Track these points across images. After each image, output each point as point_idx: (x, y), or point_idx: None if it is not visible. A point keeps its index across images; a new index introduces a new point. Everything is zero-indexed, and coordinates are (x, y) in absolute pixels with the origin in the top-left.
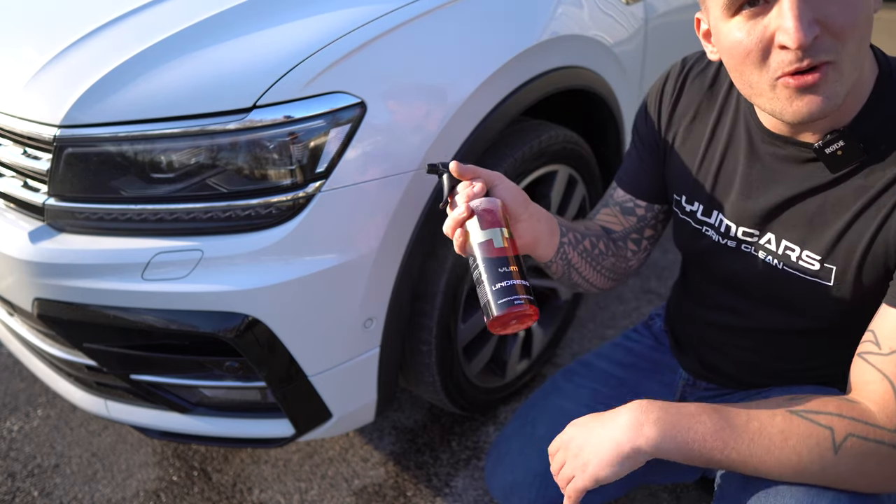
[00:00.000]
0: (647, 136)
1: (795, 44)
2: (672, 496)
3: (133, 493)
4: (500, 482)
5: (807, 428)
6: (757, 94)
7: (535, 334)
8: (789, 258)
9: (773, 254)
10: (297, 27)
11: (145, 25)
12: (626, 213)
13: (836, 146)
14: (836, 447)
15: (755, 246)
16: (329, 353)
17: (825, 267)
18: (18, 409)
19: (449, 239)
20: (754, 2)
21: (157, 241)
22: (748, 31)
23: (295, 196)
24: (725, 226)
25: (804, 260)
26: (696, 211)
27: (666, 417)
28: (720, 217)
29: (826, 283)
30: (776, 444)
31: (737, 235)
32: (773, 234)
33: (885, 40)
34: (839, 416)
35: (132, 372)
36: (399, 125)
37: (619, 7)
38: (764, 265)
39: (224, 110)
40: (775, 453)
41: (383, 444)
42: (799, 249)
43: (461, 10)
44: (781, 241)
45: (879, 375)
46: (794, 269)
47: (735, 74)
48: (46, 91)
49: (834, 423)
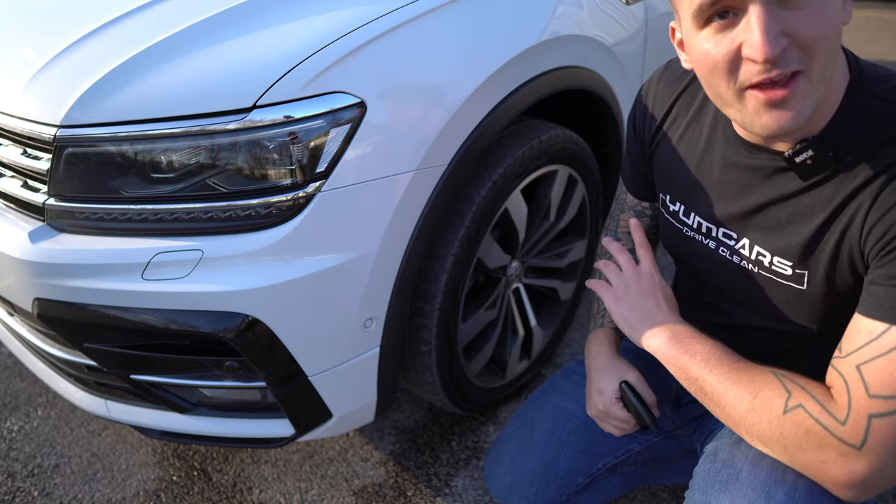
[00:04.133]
0: (635, 138)
1: (762, 58)
2: (672, 496)
3: (133, 493)
4: (499, 481)
5: (773, 381)
6: (727, 105)
7: (535, 334)
8: (762, 263)
9: (747, 259)
10: (297, 27)
11: (145, 25)
12: (638, 216)
13: (806, 155)
14: (785, 409)
15: (731, 250)
16: (329, 353)
17: (797, 272)
18: (18, 409)
19: (449, 239)
20: (723, 14)
21: (157, 241)
22: (716, 42)
23: (295, 196)
24: (706, 227)
25: (776, 265)
26: (678, 211)
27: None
28: (698, 219)
29: (800, 288)
30: (743, 382)
31: (717, 237)
32: (748, 238)
33: (887, 40)
34: (802, 389)
35: (132, 372)
36: (399, 125)
37: (619, 7)
38: (740, 269)
39: (224, 110)
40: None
41: (383, 444)
42: (770, 255)
43: (461, 10)
44: (754, 246)
45: (837, 374)
46: (769, 274)
47: (705, 84)
48: (46, 91)
49: (795, 391)
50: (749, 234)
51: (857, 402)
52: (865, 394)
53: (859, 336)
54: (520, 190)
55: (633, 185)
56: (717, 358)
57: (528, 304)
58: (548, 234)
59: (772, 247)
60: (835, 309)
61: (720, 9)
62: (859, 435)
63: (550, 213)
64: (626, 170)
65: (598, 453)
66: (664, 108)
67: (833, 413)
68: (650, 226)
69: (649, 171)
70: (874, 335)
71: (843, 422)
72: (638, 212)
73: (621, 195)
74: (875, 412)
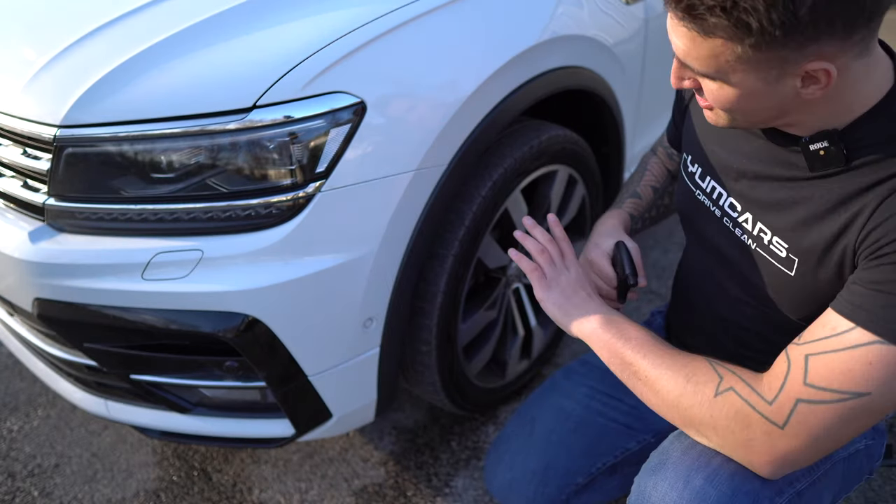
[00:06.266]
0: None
1: None
2: None
3: (133, 493)
4: (499, 480)
5: (704, 367)
6: None
7: (535, 334)
8: (762, 240)
9: (749, 233)
10: (297, 27)
11: (145, 25)
12: (670, 157)
13: (821, 145)
14: (716, 392)
15: (734, 222)
16: (329, 352)
17: (790, 257)
18: (18, 409)
19: (449, 239)
20: None
21: (157, 241)
22: None
23: (295, 196)
24: (717, 193)
25: (774, 245)
26: (695, 172)
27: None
28: (712, 183)
29: (788, 274)
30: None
31: (723, 206)
32: (751, 214)
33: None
34: (732, 373)
35: (132, 372)
36: (399, 125)
37: (619, 7)
38: (740, 242)
39: (224, 110)
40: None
41: (383, 444)
42: (770, 234)
43: (461, 10)
44: (757, 222)
45: (784, 357)
46: (765, 252)
47: None
48: (46, 91)
49: (726, 375)
50: (753, 209)
51: (790, 385)
52: (802, 381)
53: (822, 329)
54: (520, 190)
55: (669, 133)
56: (651, 344)
57: (528, 304)
58: None
59: (773, 226)
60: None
61: None
62: (784, 415)
63: (551, 212)
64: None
65: (598, 453)
66: None
67: (761, 393)
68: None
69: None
70: (836, 331)
71: (771, 402)
72: (670, 153)
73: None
74: (804, 398)
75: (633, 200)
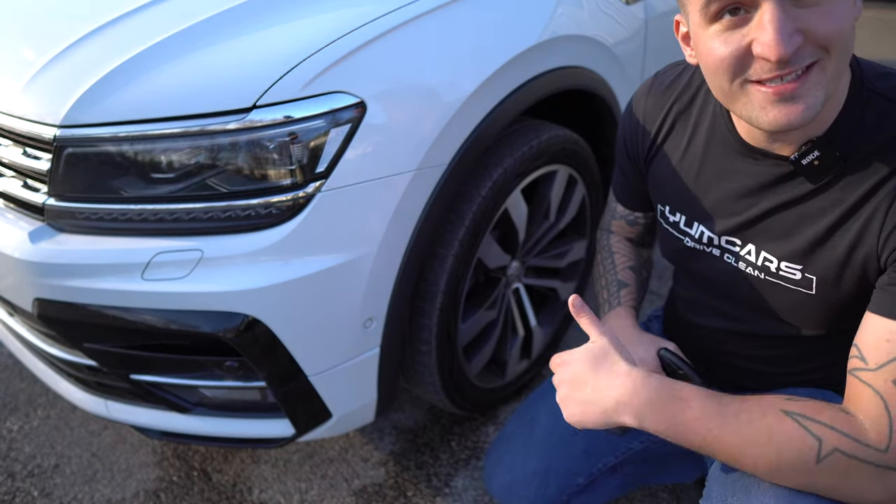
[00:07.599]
0: (627, 155)
1: (775, 57)
2: (672, 496)
3: (133, 493)
4: (499, 481)
5: (795, 431)
6: (732, 101)
7: (535, 334)
8: (769, 269)
9: (753, 265)
10: (297, 27)
11: (145, 25)
12: (630, 224)
13: (813, 156)
14: (819, 458)
15: (736, 256)
16: (329, 353)
17: (806, 277)
18: (18, 409)
19: (449, 239)
20: (735, 11)
21: (157, 241)
22: (725, 39)
23: (295, 196)
24: (707, 237)
25: (784, 270)
26: (678, 222)
27: (657, 400)
28: (701, 228)
29: (809, 293)
30: (760, 440)
31: (720, 244)
32: (753, 244)
33: (888, 40)
34: (831, 428)
35: (132, 372)
36: (399, 125)
37: (619, 7)
38: (746, 274)
39: (224, 110)
40: (756, 448)
41: (383, 444)
42: (777, 261)
43: (461, 10)
44: (760, 252)
45: (870, 391)
46: (776, 279)
47: (710, 80)
48: (46, 91)
49: (824, 434)
50: (754, 240)
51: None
52: None
53: (885, 345)
54: (520, 190)
55: (624, 197)
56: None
57: (528, 305)
58: (548, 234)
59: (779, 252)
60: (842, 310)
61: (731, 4)
62: None
63: (550, 213)
64: (617, 182)
65: (599, 453)
66: (656, 121)
67: (870, 444)
68: (642, 233)
69: (642, 184)
70: None
71: (886, 449)
72: (630, 220)
73: (612, 204)
74: None
75: (626, 291)
